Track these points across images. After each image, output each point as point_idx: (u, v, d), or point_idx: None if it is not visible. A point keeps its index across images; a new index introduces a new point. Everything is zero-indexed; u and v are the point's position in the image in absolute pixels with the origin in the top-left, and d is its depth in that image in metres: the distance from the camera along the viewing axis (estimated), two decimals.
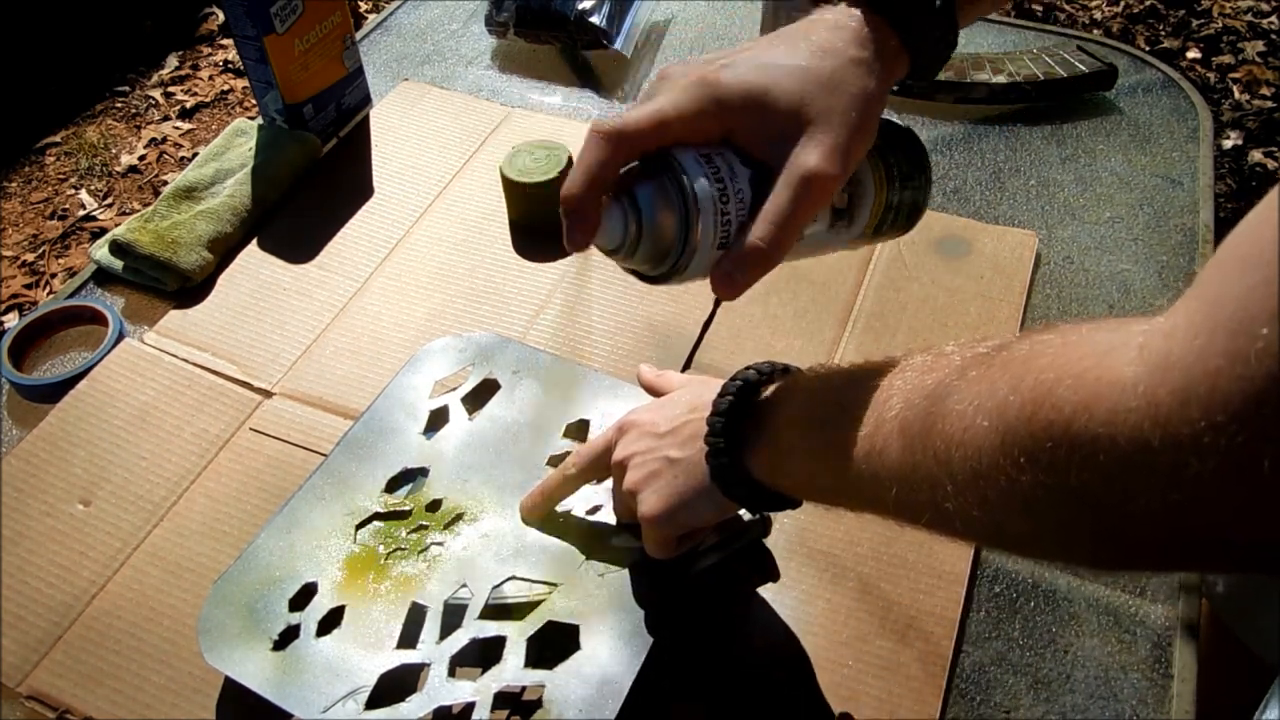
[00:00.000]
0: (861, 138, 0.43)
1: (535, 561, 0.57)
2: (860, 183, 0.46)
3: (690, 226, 0.41)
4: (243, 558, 0.58)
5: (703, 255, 0.42)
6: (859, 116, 0.42)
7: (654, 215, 0.42)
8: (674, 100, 0.42)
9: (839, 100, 0.42)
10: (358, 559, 0.58)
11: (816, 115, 0.41)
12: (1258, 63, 2.27)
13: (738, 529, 0.61)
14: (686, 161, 0.42)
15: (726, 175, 0.42)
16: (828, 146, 0.41)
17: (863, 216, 0.47)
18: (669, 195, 0.42)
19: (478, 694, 0.52)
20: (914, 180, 0.48)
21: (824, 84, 0.42)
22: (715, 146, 0.43)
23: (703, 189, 0.41)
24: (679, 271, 0.43)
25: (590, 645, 0.53)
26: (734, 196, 0.42)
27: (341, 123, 0.95)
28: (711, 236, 0.42)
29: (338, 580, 0.57)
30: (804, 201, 0.41)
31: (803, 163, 0.41)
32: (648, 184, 0.42)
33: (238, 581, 0.57)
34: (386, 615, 0.55)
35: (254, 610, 0.56)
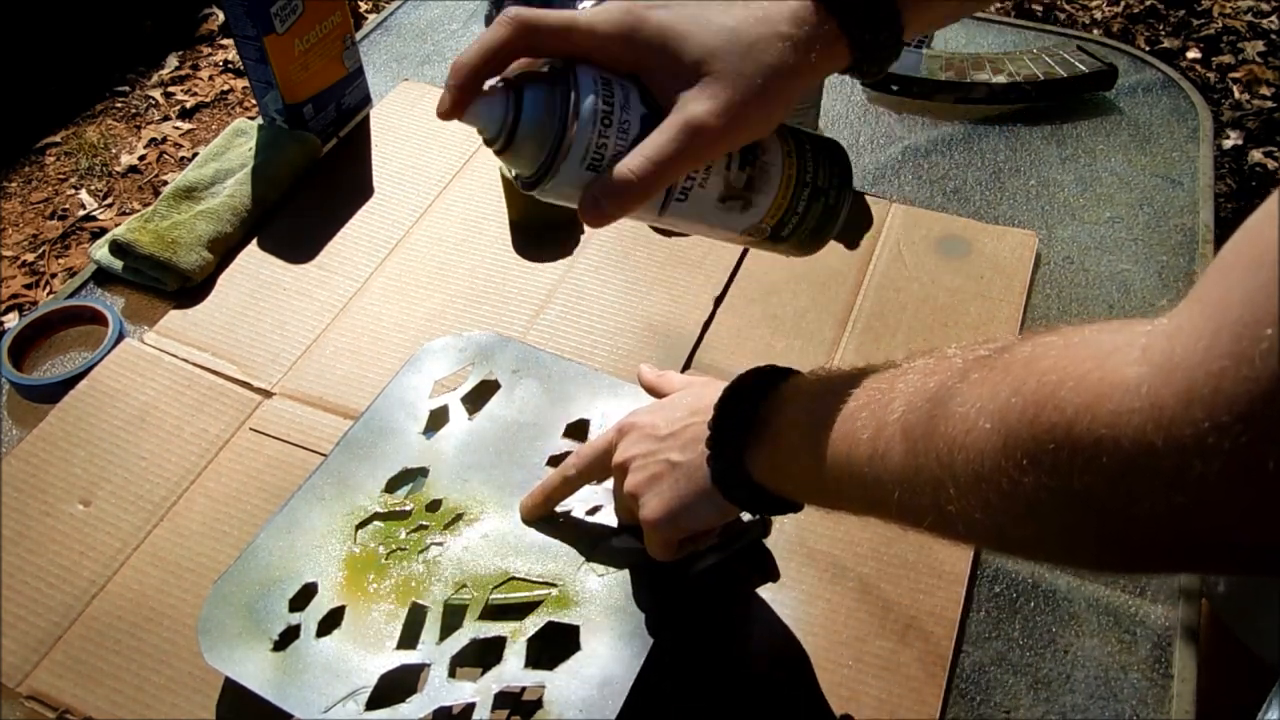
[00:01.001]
0: (760, 107, 0.42)
1: (535, 562, 0.57)
2: (765, 170, 0.46)
3: (564, 135, 0.41)
4: (242, 558, 0.58)
5: (570, 169, 0.42)
6: (763, 85, 0.42)
7: (533, 114, 0.42)
8: (594, 16, 0.43)
9: (748, 65, 0.42)
10: (358, 559, 0.58)
11: (719, 71, 0.42)
12: (1258, 63, 2.27)
13: (738, 530, 0.61)
14: (583, 76, 0.42)
15: (619, 103, 0.42)
16: (719, 102, 0.41)
17: (761, 205, 0.47)
18: (553, 100, 0.42)
19: (478, 694, 0.52)
20: (828, 196, 0.48)
21: (740, 46, 0.42)
22: (621, 77, 0.43)
23: (587, 104, 0.41)
24: (547, 178, 0.43)
25: (590, 646, 0.53)
26: (617, 124, 0.42)
27: (341, 123, 0.95)
28: (583, 153, 0.42)
29: (338, 580, 0.57)
30: (682, 147, 0.41)
31: (690, 110, 0.41)
32: (539, 84, 0.43)
33: (238, 581, 0.57)
34: (387, 616, 0.55)
35: (254, 610, 0.56)
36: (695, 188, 0.45)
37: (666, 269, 0.80)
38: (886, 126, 0.95)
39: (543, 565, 0.57)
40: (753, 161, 0.45)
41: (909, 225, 0.83)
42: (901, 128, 0.94)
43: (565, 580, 0.56)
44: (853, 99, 0.97)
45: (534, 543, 0.58)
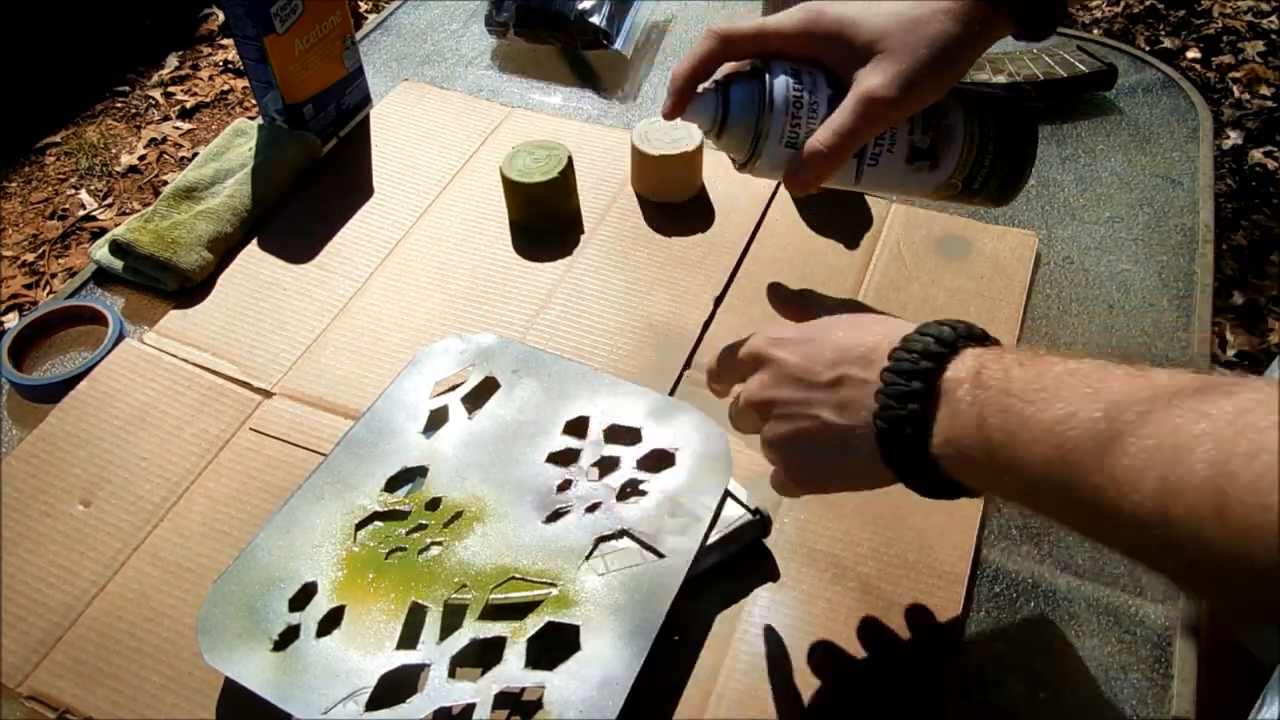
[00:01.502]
0: (930, 78, 0.49)
1: (535, 561, 0.57)
2: (948, 131, 0.52)
3: (763, 124, 0.50)
4: (242, 557, 0.58)
5: (773, 149, 0.51)
6: (930, 55, 0.48)
7: (738, 107, 0.51)
8: (779, 19, 0.51)
9: (914, 38, 0.48)
10: (357, 559, 0.58)
11: (889, 47, 0.48)
12: (1258, 62, 2.27)
13: (738, 529, 0.61)
14: (776, 69, 0.50)
15: (808, 88, 0.50)
16: (890, 74, 0.48)
17: (947, 164, 0.53)
18: (754, 93, 0.50)
19: (478, 695, 0.52)
20: (1012, 151, 0.53)
21: (906, 23, 0.48)
22: (809, 65, 0.51)
23: (780, 92, 0.50)
24: (754, 158, 0.51)
25: (591, 645, 0.53)
26: (808, 106, 0.50)
27: (341, 123, 0.95)
28: (781, 133, 0.50)
29: (337, 580, 0.57)
30: (861, 117, 0.48)
31: (864, 84, 0.48)
32: (742, 81, 0.51)
33: (237, 581, 0.57)
34: (386, 615, 0.55)
35: (254, 610, 0.56)
36: (884, 153, 0.52)
37: (666, 269, 0.80)
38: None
39: (543, 564, 0.57)
40: (935, 125, 0.52)
41: (909, 225, 0.83)
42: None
43: (565, 579, 0.56)
44: None
45: (534, 541, 0.58)
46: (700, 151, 0.84)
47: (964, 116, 0.53)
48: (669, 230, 0.84)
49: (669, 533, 0.58)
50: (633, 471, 0.62)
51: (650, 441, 0.63)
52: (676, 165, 0.83)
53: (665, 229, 0.84)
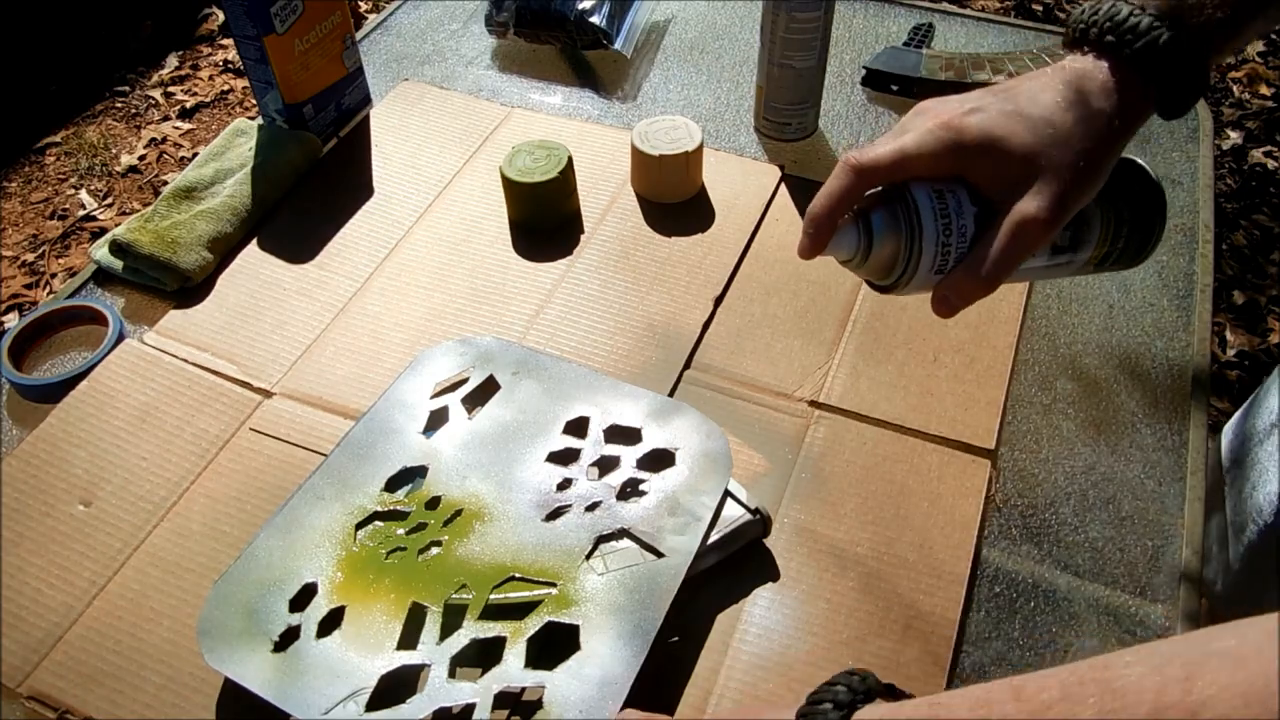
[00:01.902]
0: (1084, 189, 0.46)
1: (535, 560, 0.57)
2: (1086, 222, 0.51)
3: (913, 252, 0.48)
4: (242, 558, 0.58)
5: (921, 277, 0.48)
6: (1086, 168, 0.46)
7: (882, 237, 0.48)
8: (918, 140, 0.47)
9: (1068, 154, 0.45)
10: (358, 559, 0.58)
11: (1044, 166, 0.45)
12: (1258, 63, 2.27)
13: (737, 530, 0.61)
14: (920, 196, 0.47)
15: (953, 211, 0.47)
16: (1048, 197, 0.45)
17: (1085, 252, 0.52)
18: (898, 222, 0.48)
19: (478, 695, 0.52)
20: (1143, 224, 0.52)
21: (1058, 137, 0.45)
22: (949, 183, 0.48)
23: (929, 223, 0.47)
24: (900, 287, 0.49)
25: (590, 645, 0.53)
26: (956, 230, 0.47)
27: (341, 123, 0.95)
28: (931, 263, 0.48)
29: (338, 580, 0.57)
30: (1019, 243, 0.46)
31: (1023, 210, 0.45)
32: (882, 210, 0.48)
33: (238, 582, 0.57)
34: (387, 616, 0.55)
35: (254, 611, 0.56)
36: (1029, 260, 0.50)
37: (666, 269, 0.80)
38: (886, 126, 0.95)
39: (543, 563, 0.57)
40: (1074, 221, 0.49)
41: None
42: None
43: (565, 579, 0.56)
44: (853, 99, 0.97)
45: (533, 541, 0.58)
46: (700, 151, 0.84)
47: (1101, 208, 0.51)
48: (669, 230, 0.84)
49: (669, 532, 0.58)
50: (632, 471, 0.62)
51: (650, 441, 0.63)
52: (676, 165, 0.83)
53: (665, 229, 0.84)
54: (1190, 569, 0.62)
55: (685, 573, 0.56)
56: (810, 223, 0.49)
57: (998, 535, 0.64)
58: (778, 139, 0.93)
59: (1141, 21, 0.46)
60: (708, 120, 0.95)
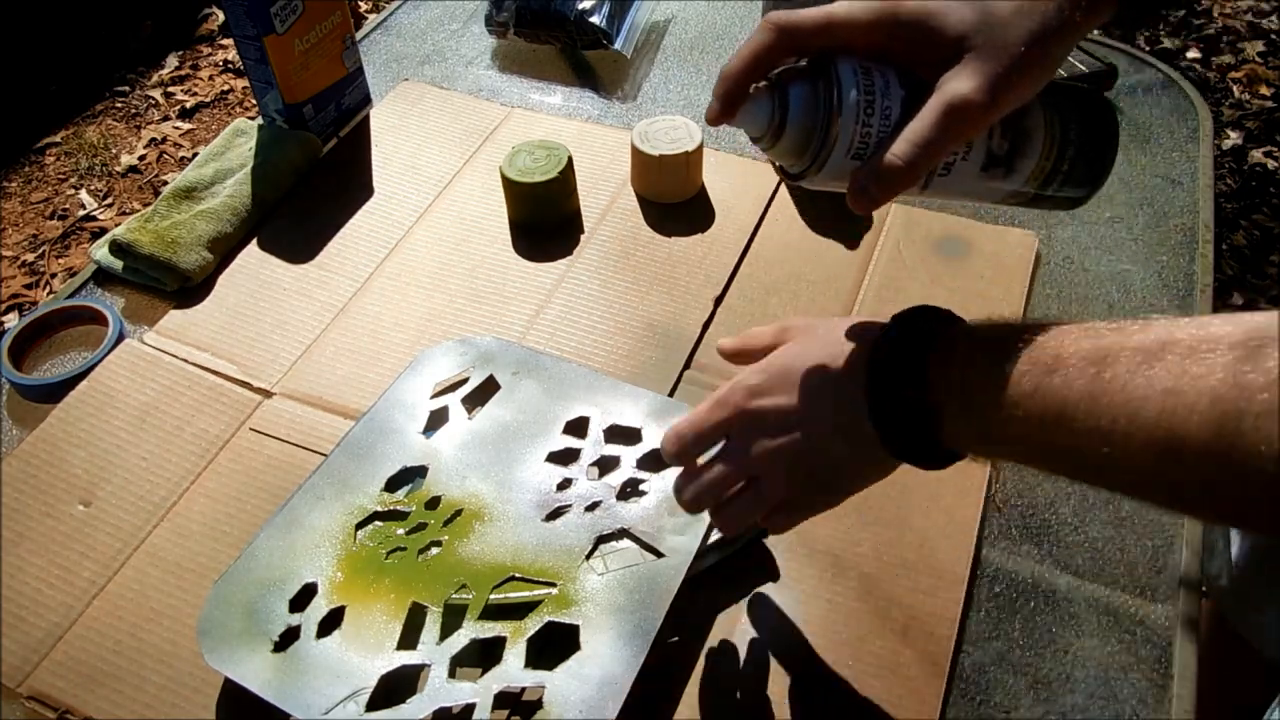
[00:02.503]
0: (1023, 76, 0.42)
1: (535, 560, 0.57)
2: (1026, 134, 0.46)
3: (828, 128, 0.42)
4: (242, 558, 0.58)
5: (837, 160, 0.43)
6: (1025, 54, 0.41)
7: (798, 111, 0.43)
8: (849, 7, 0.43)
9: (1008, 35, 0.41)
10: (358, 559, 0.58)
11: (980, 45, 0.41)
12: (1258, 63, 2.27)
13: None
14: (843, 68, 0.43)
15: (879, 90, 0.43)
16: (982, 77, 0.41)
17: (1023, 170, 0.46)
18: (817, 96, 0.43)
19: (477, 695, 0.52)
20: (1091, 155, 0.47)
21: (999, 17, 0.42)
22: (878, 62, 0.43)
23: (849, 96, 0.42)
24: (814, 170, 0.44)
25: (590, 645, 0.53)
26: (879, 111, 0.42)
27: (341, 123, 0.95)
28: (848, 143, 0.43)
29: (338, 580, 0.57)
30: (947, 127, 0.41)
31: (952, 88, 0.41)
32: (800, 82, 0.44)
33: (238, 582, 0.57)
34: (387, 616, 0.55)
35: (254, 611, 0.56)
36: (958, 161, 0.45)
37: (666, 269, 0.80)
38: None
39: (543, 562, 0.57)
40: (1014, 128, 0.45)
41: (909, 225, 0.83)
42: None
43: (565, 579, 0.56)
44: None
45: (533, 541, 0.58)
46: (700, 151, 0.84)
47: (1044, 117, 0.46)
48: (669, 230, 0.84)
49: (669, 532, 0.58)
50: (632, 471, 0.62)
51: (650, 441, 0.63)
52: (676, 165, 0.83)
53: (665, 229, 0.84)
54: (1190, 569, 0.62)
55: (685, 573, 0.56)
56: (721, 83, 0.44)
57: (998, 535, 0.64)
58: None
59: None
60: None
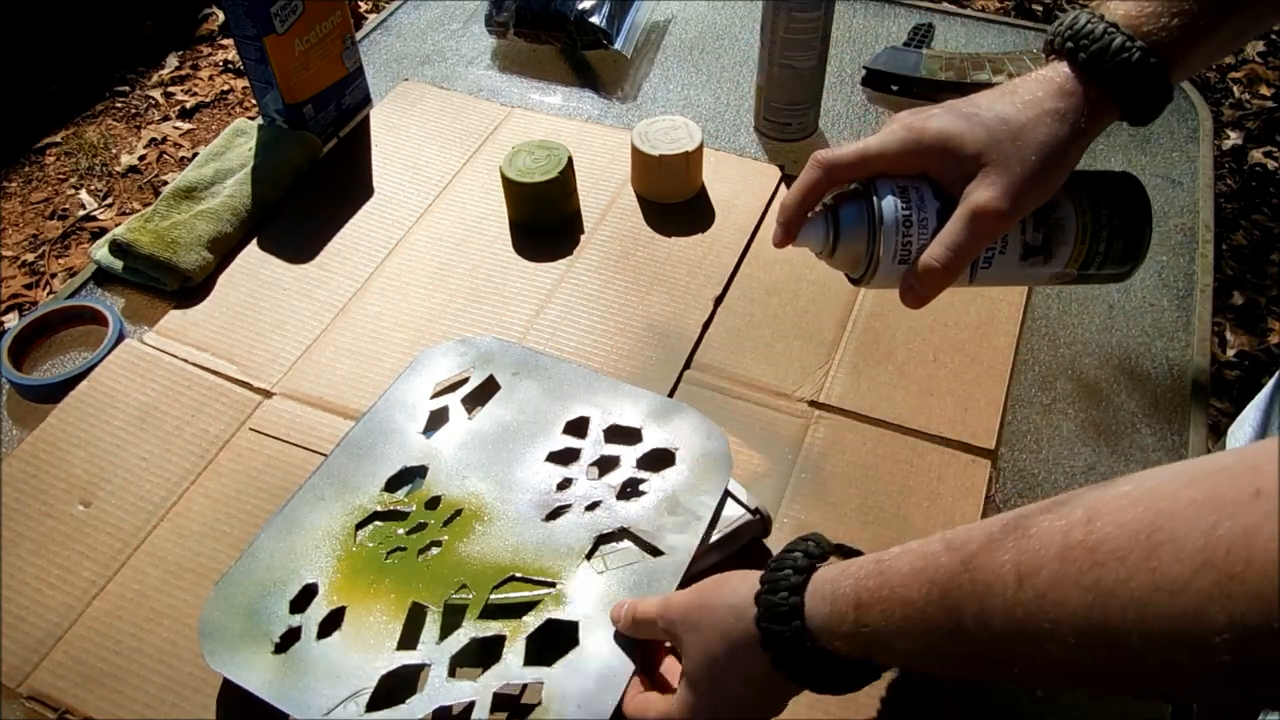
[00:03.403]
0: (1038, 181, 0.48)
1: (535, 560, 0.57)
2: (1058, 224, 0.52)
3: (875, 241, 0.50)
4: (243, 559, 0.58)
5: (886, 267, 0.51)
6: (1039, 162, 0.48)
7: (849, 229, 0.52)
8: (881, 140, 0.51)
9: (1021, 147, 0.48)
10: (358, 559, 0.58)
11: (997, 159, 0.48)
12: (1258, 63, 2.27)
13: (738, 529, 0.61)
14: (883, 190, 0.51)
15: (915, 204, 0.50)
16: (1000, 187, 0.47)
17: (1061, 256, 0.53)
18: (863, 215, 0.51)
19: (477, 693, 0.52)
20: (1125, 231, 0.53)
21: (1012, 132, 0.48)
22: (915, 180, 0.51)
23: (889, 213, 0.50)
24: (869, 277, 0.52)
25: (589, 642, 0.53)
26: (918, 223, 0.50)
27: (341, 123, 0.95)
28: (893, 252, 0.50)
29: (338, 581, 0.57)
30: (973, 229, 0.48)
31: (974, 198, 0.48)
32: (851, 204, 0.52)
33: (238, 583, 0.57)
34: (387, 616, 0.55)
35: (255, 612, 0.56)
36: (996, 255, 0.52)
37: (666, 269, 0.80)
38: None
39: (542, 562, 0.57)
40: (1046, 221, 0.51)
41: None
42: None
43: (565, 578, 0.56)
44: (853, 99, 0.97)
45: (533, 540, 0.58)
46: (700, 151, 0.84)
47: (1075, 208, 0.52)
48: (669, 230, 0.84)
49: (669, 531, 0.58)
50: (632, 470, 0.62)
51: (650, 441, 0.63)
52: (676, 165, 0.83)
53: (665, 229, 0.84)
54: None
55: (685, 571, 0.56)
56: (782, 213, 0.53)
57: None
58: (778, 139, 0.93)
59: (1096, 28, 0.48)
60: (708, 120, 0.95)
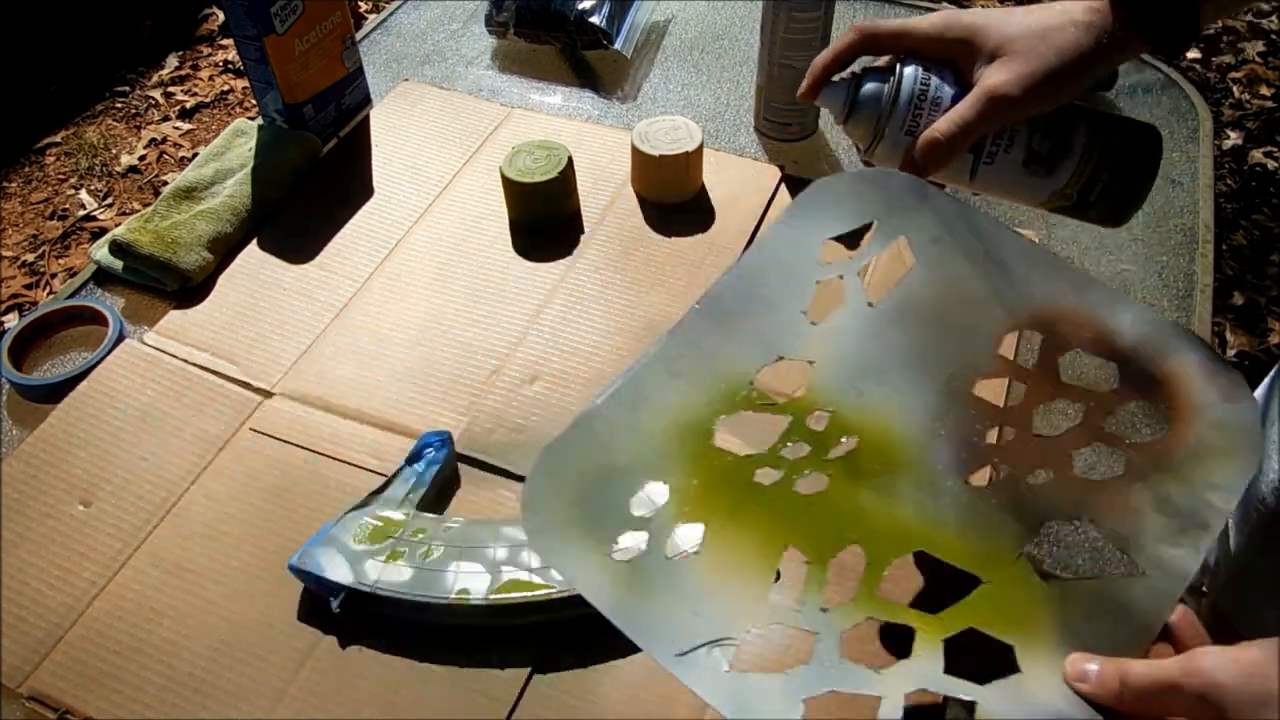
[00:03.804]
0: (1054, 79, 0.50)
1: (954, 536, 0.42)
2: (1066, 139, 0.54)
3: (887, 110, 0.54)
4: (576, 428, 0.45)
5: (893, 136, 0.54)
6: (1058, 62, 0.50)
7: (866, 97, 0.55)
8: (918, 21, 0.54)
9: (1043, 46, 0.50)
10: (718, 467, 0.44)
11: (1016, 50, 0.51)
12: (1258, 63, 2.27)
13: None
14: (907, 68, 0.54)
15: (935, 85, 0.53)
16: (1014, 73, 0.50)
17: (1063, 171, 0.54)
18: (883, 84, 0.54)
19: (883, 689, 0.39)
20: (1130, 169, 0.54)
21: (1037, 31, 0.51)
22: (941, 66, 0.54)
23: (907, 84, 0.53)
24: (877, 144, 0.55)
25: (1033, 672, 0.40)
26: (931, 100, 0.53)
27: (341, 123, 0.95)
28: (903, 122, 0.53)
29: (693, 489, 0.44)
30: (980, 110, 0.51)
31: (988, 80, 0.51)
32: (874, 75, 0.55)
33: (567, 457, 0.44)
34: (754, 555, 0.42)
35: (586, 499, 0.43)
36: (1000, 153, 0.54)
37: (666, 269, 0.80)
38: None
39: (965, 542, 0.42)
40: (1055, 132, 0.53)
41: None
42: None
43: (994, 571, 0.42)
44: None
45: (954, 508, 0.43)
46: (700, 151, 0.84)
47: (1087, 131, 0.54)
48: (669, 230, 0.84)
49: (1154, 538, 0.42)
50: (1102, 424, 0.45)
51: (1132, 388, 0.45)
52: (676, 165, 0.83)
53: (665, 229, 0.84)
54: None
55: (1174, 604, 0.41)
56: (811, 70, 0.56)
57: None
58: (778, 139, 0.93)
59: None
60: (708, 120, 0.95)
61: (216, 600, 0.60)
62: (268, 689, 0.56)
